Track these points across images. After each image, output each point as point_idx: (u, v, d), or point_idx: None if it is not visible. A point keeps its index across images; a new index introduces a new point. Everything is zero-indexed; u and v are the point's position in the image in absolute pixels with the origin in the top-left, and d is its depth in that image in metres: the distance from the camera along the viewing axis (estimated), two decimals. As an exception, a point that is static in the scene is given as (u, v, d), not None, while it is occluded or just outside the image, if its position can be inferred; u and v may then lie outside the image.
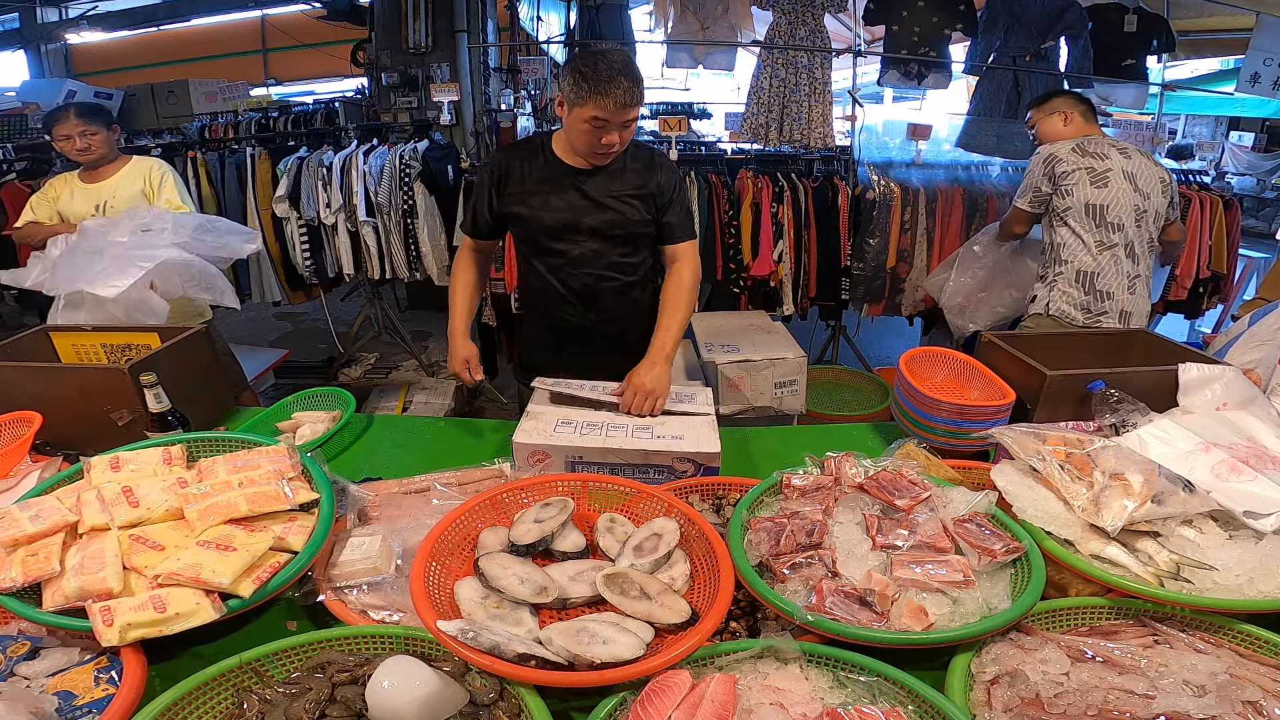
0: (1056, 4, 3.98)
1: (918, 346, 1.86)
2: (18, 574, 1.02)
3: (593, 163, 1.76)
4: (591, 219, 1.80)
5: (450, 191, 3.86)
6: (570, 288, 1.89)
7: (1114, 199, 2.30)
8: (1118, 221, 2.30)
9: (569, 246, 1.83)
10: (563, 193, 1.78)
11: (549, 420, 1.56)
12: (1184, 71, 7.10)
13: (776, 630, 1.05)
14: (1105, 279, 2.31)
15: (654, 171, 1.81)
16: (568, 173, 1.78)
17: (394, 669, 0.89)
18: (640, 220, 1.82)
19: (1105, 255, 2.31)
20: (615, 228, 1.81)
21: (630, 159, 1.80)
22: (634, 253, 1.88)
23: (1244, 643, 1.01)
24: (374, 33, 4.60)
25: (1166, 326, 4.56)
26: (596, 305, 1.91)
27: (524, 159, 1.81)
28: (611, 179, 1.79)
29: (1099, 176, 2.31)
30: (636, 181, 1.79)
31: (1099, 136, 2.43)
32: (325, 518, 1.16)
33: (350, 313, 4.85)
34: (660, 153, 1.88)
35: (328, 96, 7.09)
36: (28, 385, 1.61)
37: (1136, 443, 1.31)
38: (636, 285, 1.93)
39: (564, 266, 1.86)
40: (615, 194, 1.79)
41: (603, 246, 1.84)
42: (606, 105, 1.58)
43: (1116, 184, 2.30)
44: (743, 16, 4.12)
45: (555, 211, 1.79)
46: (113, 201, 2.59)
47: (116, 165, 2.63)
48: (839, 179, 3.88)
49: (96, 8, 7.14)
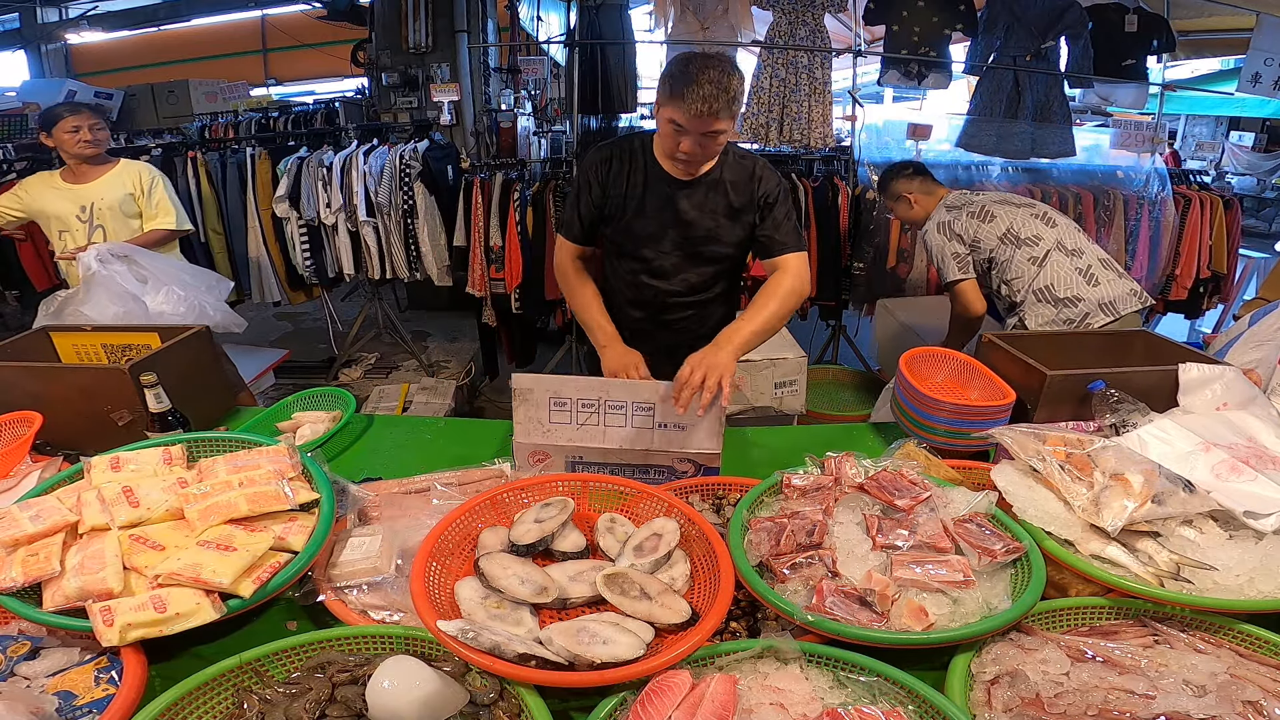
0: (1057, 4, 3.98)
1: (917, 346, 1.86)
2: (18, 574, 1.02)
3: (673, 169, 1.67)
4: (678, 232, 1.74)
5: (450, 191, 3.86)
6: (642, 295, 1.85)
7: (1011, 220, 2.41)
8: (1033, 234, 2.38)
9: (651, 256, 1.78)
10: (656, 200, 1.72)
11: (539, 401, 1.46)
12: (1184, 71, 7.11)
13: (776, 630, 1.05)
14: (1061, 285, 2.33)
15: (753, 183, 1.71)
16: (664, 180, 1.71)
17: (394, 669, 0.89)
18: (728, 241, 1.75)
19: (1046, 265, 2.35)
20: (700, 245, 1.76)
21: (728, 171, 1.71)
22: (713, 273, 1.83)
23: (1244, 643, 1.01)
24: (374, 33, 4.61)
25: (1166, 326, 4.57)
26: (662, 318, 1.87)
27: (625, 159, 1.72)
28: (706, 193, 1.71)
29: (983, 213, 2.43)
30: (731, 196, 1.71)
31: (941, 190, 2.62)
32: (325, 518, 1.16)
33: (350, 313, 4.85)
34: (762, 161, 1.76)
35: (328, 96, 7.10)
36: (28, 385, 1.61)
37: (1136, 443, 1.31)
38: (709, 304, 1.88)
39: (641, 273, 1.82)
40: (708, 210, 1.72)
41: (683, 262, 1.79)
42: (681, 111, 1.50)
43: (999, 210, 2.43)
44: (743, 16, 4.12)
45: (646, 218, 1.73)
46: (100, 204, 2.59)
47: (103, 168, 2.63)
48: (839, 179, 3.89)
49: (96, 8, 7.14)
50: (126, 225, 2.65)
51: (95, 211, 2.58)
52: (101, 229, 2.61)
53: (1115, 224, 3.88)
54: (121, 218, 2.63)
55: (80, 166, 2.59)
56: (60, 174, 2.63)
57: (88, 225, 2.60)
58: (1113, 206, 3.87)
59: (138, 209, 2.67)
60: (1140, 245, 3.92)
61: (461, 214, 3.80)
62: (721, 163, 1.72)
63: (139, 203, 2.65)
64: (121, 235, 2.61)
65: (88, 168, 2.60)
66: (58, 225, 2.63)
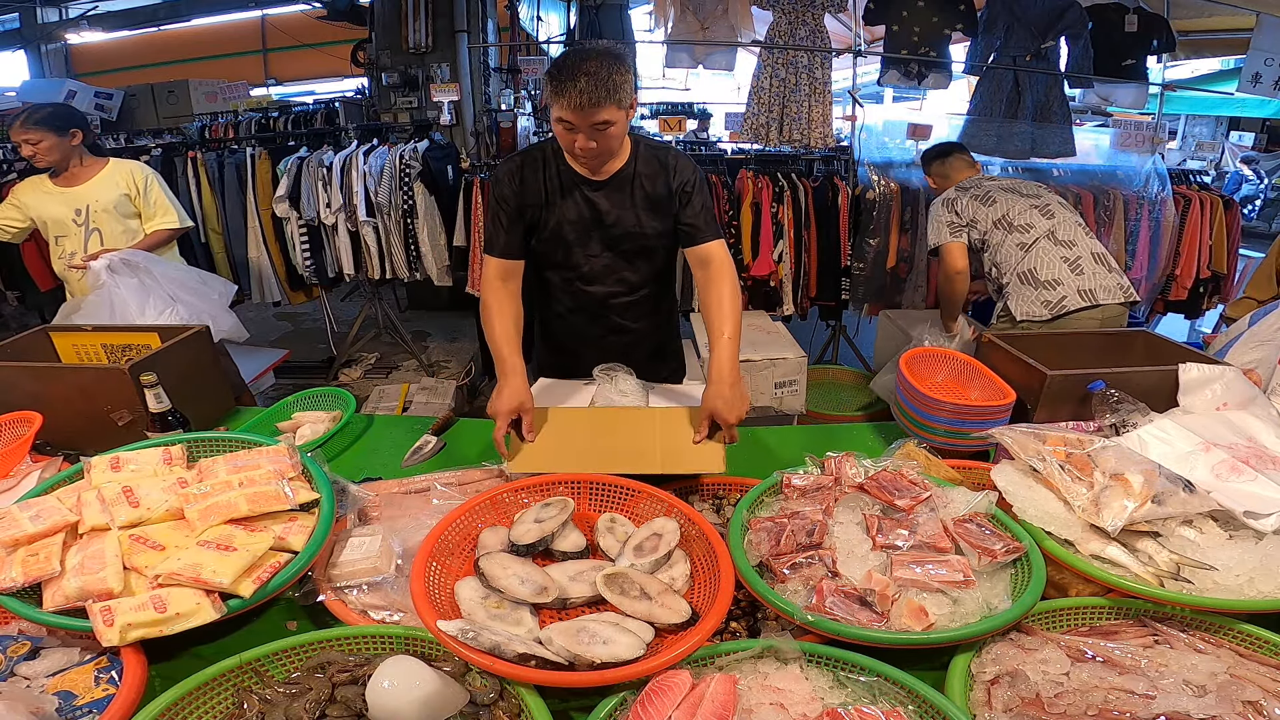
0: (1057, 4, 3.98)
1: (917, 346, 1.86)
2: (18, 574, 1.02)
3: (582, 169, 1.67)
4: (602, 233, 1.73)
5: (450, 191, 3.86)
6: (581, 302, 1.84)
7: (1009, 207, 2.56)
8: (1025, 222, 2.52)
9: (580, 261, 1.77)
10: (574, 204, 1.71)
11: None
12: (1184, 71, 7.10)
13: (776, 630, 1.05)
14: (1044, 269, 2.45)
15: (666, 173, 1.70)
16: (578, 182, 1.70)
17: (394, 669, 0.89)
18: (653, 232, 1.74)
19: (1033, 251, 2.48)
20: (626, 241, 1.75)
21: (640, 163, 1.70)
22: (647, 265, 1.82)
23: (1244, 643, 1.01)
24: (374, 33, 4.61)
25: (1166, 326, 4.56)
26: (607, 319, 1.86)
27: (536, 168, 1.70)
28: (620, 188, 1.70)
29: (985, 197, 2.61)
30: (648, 189, 1.71)
31: (962, 174, 2.82)
32: (325, 518, 1.16)
33: (350, 313, 4.85)
34: (674, 150, 1.75)
35: (328, 96, 7.10)
36: (28, 385, 1.61)
37: (1136, 443, 1.31)
38: (650, 297, 1.88)
39: (575, 280, 1.81)
40: (626, 205, 1.71)
41: (614, 261, 1.78)
42: (564, 106, 1.48)
43: (1000, 196, 2.59)
44: (743, 16, 4.12)
45: (570, 223, 1.72)
46: (95, 206, 2.52)
47: (91, 169, 2.55)
48: (839, 179, 3.89)
49: (96, 8, 7.14)
50: (123, 226, 2.59)
51: (90, 214, 2.51)
52: (98, 232, 2.54)
53: (1115, 224, 3.88)
54: (118, 219, 2.57)
55: (69, 169, 2.52)
56: (49, 178, 2.56)
57: (83, 229, 2.53)
58: (1113, 206, 3.87)
59: (134, 209, 2.61)
60: (1140, 245, 3.92)
61: (461, 214, 3.80)
62: (634, 156, 1.70)
63: (135, 203, 2.60)
64: (118, 237, 2.56)
65: (77, 169, 2.52)
66: (55, 230, 2.56)
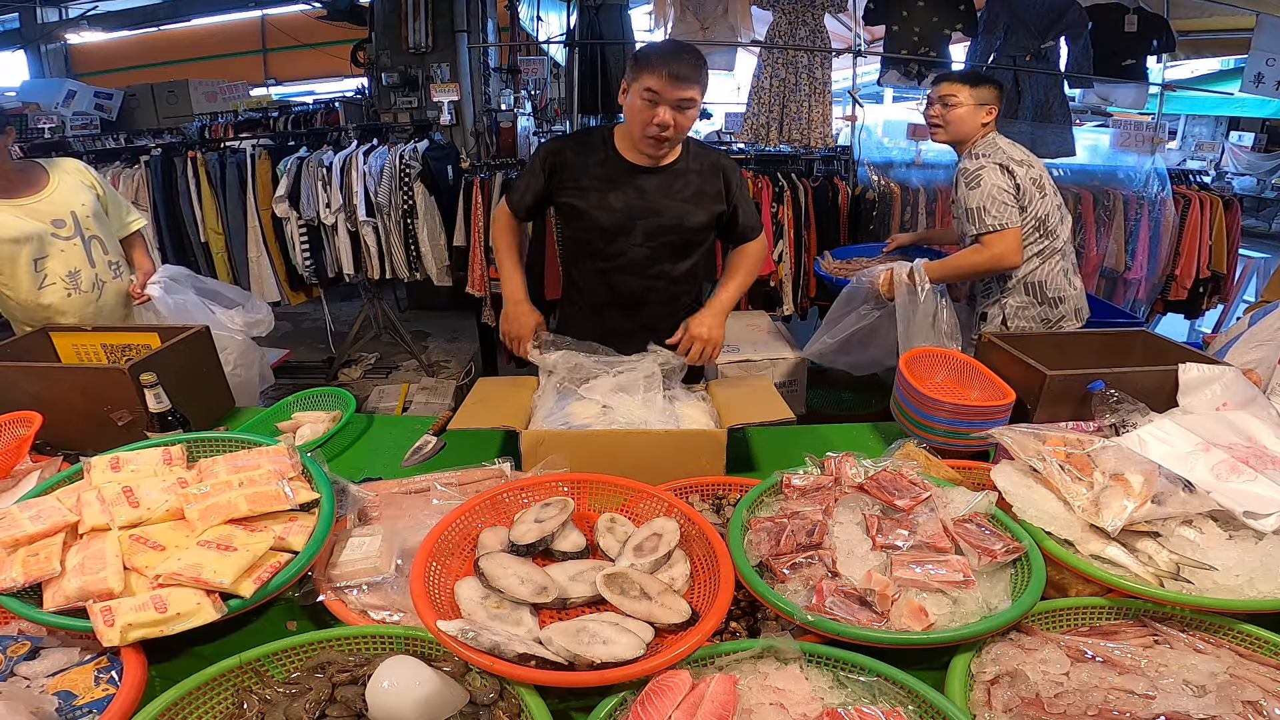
0: (1056, 4, 3.98)
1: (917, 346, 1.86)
2: (18, 574, 1.02)
3: (646, 150, 1.68)
4: (647, 222, 1.73)
5: (450, 191, 3.86)
6: (617, 292, 1.84)
7: (1050, 207, 2.22)
8: (1054, 228, 2.24)
9: (621, 249, 1.77)
10: (621, 191, 1.71)
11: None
12: (1184, 71, 7.10)
13: (776, 630, 1.05)
14: (1052, 284, 2.26)
15: (718, 174, 1.75)
16: (628, 170, 1.71)
17: (394, 669, 0.89)
18: (698, 225, 1.76)
19: (1049, 262, 2.24)
20: (670, 233, 1.75)
21: (693, 159, 1.74)
22: (686, 260, 1.82)
23: (1244, 643, 1.01)
24: (374, 33, 4.60)
25: (1166, 326, 4.56)
26: (642, 312, 1.86)
27: (584, 151, 1.73)
28: (673, 179, 1.72)
29: (1038, 184, 2.19)
30: (699, 184, 1.73)
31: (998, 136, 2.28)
32: (325, 518, 1.16)
33: (350, 313, 4.85)
34: (723, 154, 1.82)
35: (328, 96, 7.10)
36: (28, 385, 1.61)
37: (1136, 443, 1.31)
38: (685, 293, 1.88)
39: (613, 270, 1.81)
40: (675, 196, 1.72)
41: (655, 252, 1.78)
42: (661, 75, 1.55)
43: (1049, 188, 2.23)
44: (743, 16, 4.12)
45: (611, 211, 1.73)
46: (81, 212, 2.17)
47: (35, 173, 2.15)
48: (839, 179, 3.89)
49: (96, 8, 7.13)
50: (108, 229, 2.30)
51: (80, 222, 2.16)
52: (98, 240, 2.22)
53: (1115, 224, 3.88)
54: (105, 221, 2.29)
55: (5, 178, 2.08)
56: None
57: (79, 240, 2.16)
58: (1112, 206, 3.87)
59: (103, 208, 2.30)
60: (1140, 245, 3.92)
61: (461, 214, 3.80)
62: (686, 152, 1.76)
63: (103, 201, 2.30)
64: (112, 241, 2.30)
65: (15, 177, 2.10)
66: (33, 252, 2.08)
